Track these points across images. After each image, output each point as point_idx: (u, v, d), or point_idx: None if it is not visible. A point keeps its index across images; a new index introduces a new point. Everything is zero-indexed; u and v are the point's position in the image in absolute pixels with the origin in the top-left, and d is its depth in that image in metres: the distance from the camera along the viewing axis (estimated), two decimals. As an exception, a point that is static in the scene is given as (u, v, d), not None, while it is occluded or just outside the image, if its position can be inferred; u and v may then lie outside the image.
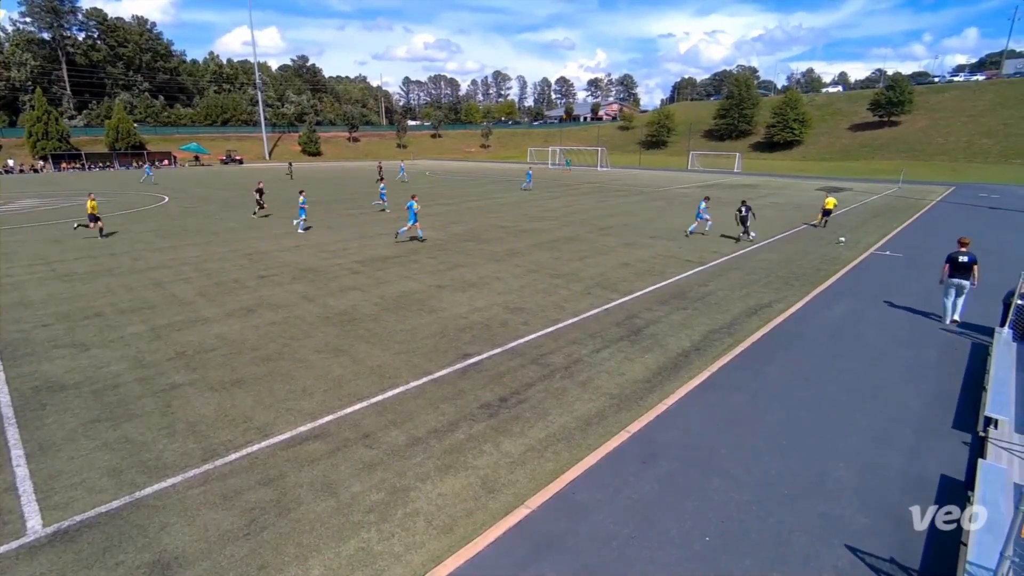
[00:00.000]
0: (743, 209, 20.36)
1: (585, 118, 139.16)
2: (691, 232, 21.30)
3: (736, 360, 9.55)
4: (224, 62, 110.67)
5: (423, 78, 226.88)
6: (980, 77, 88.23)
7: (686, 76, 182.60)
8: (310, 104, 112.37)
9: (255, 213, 26.29)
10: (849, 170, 62.37)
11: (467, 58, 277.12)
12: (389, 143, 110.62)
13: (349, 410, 7.84)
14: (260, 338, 10.38)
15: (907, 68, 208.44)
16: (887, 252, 18.65)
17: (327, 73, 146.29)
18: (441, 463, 6.72)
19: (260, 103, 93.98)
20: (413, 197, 20.21)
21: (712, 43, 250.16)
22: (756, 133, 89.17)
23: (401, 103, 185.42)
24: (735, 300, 13.00)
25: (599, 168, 68.96)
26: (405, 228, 20.05)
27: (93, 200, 20.63)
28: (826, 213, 24.44)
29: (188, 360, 9.44)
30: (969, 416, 7.73)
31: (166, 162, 75.31)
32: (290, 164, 59.63)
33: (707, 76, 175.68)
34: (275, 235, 21.13)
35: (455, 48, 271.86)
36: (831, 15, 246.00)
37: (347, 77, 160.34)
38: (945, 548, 5.50)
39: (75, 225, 21.71)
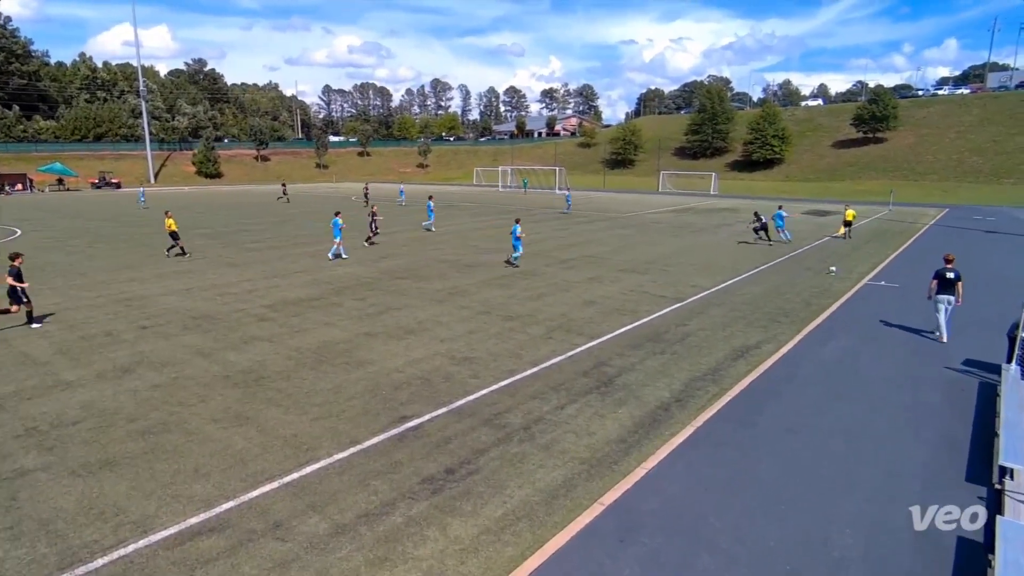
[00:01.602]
0: (762, 219, 28.50)
1: (540, 133, 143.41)
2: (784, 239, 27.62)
3: (723, 411, 9.76)
4: (99, 65, 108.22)
5: (347, 86, 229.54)
6: (965, 91, 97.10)
7: (652, 87, 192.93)
8: (208, 116, 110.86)
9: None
10: (835, 191, 66.55)
11: (400, 64, 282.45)
12: (306, 162, 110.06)
13: (255, 493, 7.47)
14: (139, 405, 9.83)
15: (889, 80, 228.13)
16: (882, 282, 19.80)
17: (230, 80, 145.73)
18: (373, 556, 6.46)
19: (144, 115, 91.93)
20: (337, 214, 22.84)
21: (679, 51, 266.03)
22: (732, 150, 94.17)
23: (321, 115, 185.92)
24: (718, 341, 13.39)
25: (557, 191, 70.69)
26: (335, 247, 22.55)
27: None
28: (847, 224, 30.67)
29: (41, 437, 8.81)
30: (982, 466, 8.14)
31: (19, 186, 71.93)
32: (284, 184, 59.01)
33: (675, 87, 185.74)
34: (159, 275, 20.36)
35: (385, 53, 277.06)
36: (806, 23, 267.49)
37: (254, 85, 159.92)
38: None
39: None
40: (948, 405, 10.11)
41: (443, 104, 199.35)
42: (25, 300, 14.06)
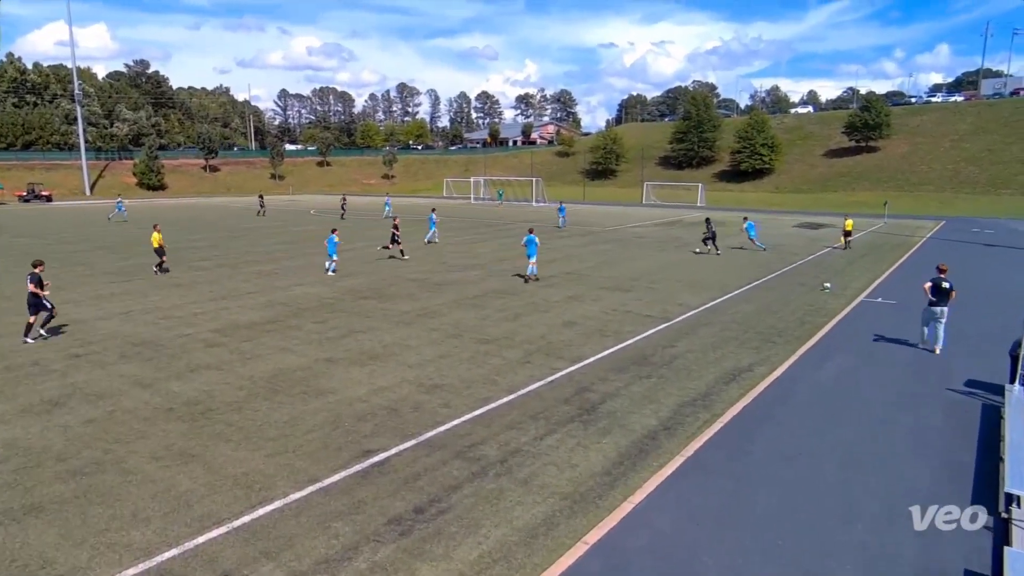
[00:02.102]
0: (712, 228, 30.34)
1: (515, 142, 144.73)
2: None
3: (714, 439, 9.82)
4: (29, 67, 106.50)
5: (305, 91, 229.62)
6: (959, 98, 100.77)
7: (634, 93, 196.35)
8: (151, 122, 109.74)
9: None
10: (828, 202, 68.17)
11: (363, 67, 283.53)
12: (260, 173, 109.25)
13: (201, 539, 7.27)
14: (70, 443, 9.54)
15: (880, 87, 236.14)
16: (879, 299, 20.25)
17: (176, 83, 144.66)
18: (334, 606, 6.31)
19: (80, 121, 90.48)
20: (333, 231, 25.00)
21: (661, 55, 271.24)
22: (720, 160, 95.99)
23: (276, 122, 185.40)
24: (708, 364, 13.51)
25: (534, 203, 71.24)
26: (329, 263, 24.28)
27: None
28: (847, 235, 32.77)
29: (-43, 481, 8.47)
30: (987, 492, 8.30)
31: (-67, 200, 70.02)
32: (261, 196, 58.18)
33: (659, 93, 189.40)
34: (96, 297, 19.93)
35: (347, 55, 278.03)
36: (793, 26, 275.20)
37: (203, 89, 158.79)
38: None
39: None
40: (950, 428, 10.31)
41: (410, 110, 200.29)
42: (50, 306, 15.20)
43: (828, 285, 21.75)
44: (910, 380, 12.70)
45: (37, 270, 15.14)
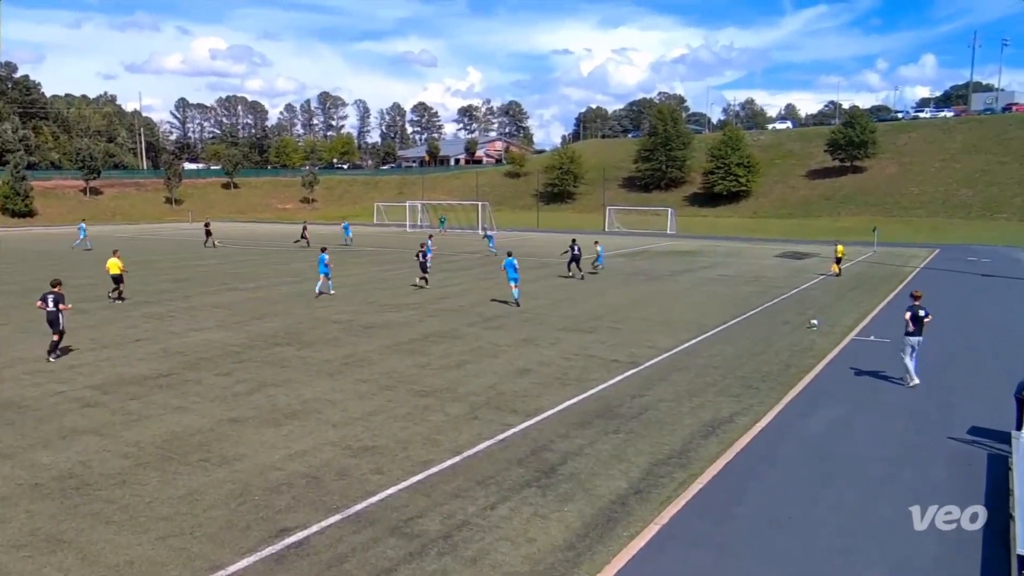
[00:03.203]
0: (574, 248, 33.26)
1: (457, 160, 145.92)
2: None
3: (693, 502, 9.89)
4: None
5: (209, 100, 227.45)
6: (948, 113, 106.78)
7: (593, 105, 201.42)
8: (18, 136, 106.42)
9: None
10: (812, 229, 70.62)
11: (277, 74, 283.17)
12: (152, 196, 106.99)
13: (73, 647, 6.87)
14: (-95, 531, 8.94)
15: (864, 100, 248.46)
16: (871, 337, 20.95)
17: (50, 90, 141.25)
18: None
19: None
20: (323, 250, 28.90)
21: (623, 63, 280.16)
22: (691, 181, 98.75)
23: (173, 137, 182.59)
24: (684, 415, 13.67)
25: (481, 231, 71.52)
26: (321, 282, 27.24)
27: None
28: (839, 261, 35.84)
29: None
30: (1000, 556, 8.55)
31: None
32: (207, 224, 56.04)
33: (621, 106, 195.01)
34: (-56, 349, 18.95)
35: (259, 59, 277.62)
36: (768, 33, 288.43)
37: (83, 97, 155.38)
38: None
39: None
40: (956, 483, 10.63)
41: (334, 124, 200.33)
42: (62, 330, 18.02)
43: (815, 322, 22.39)
44: (909, 429, 13.09)
45: (56, 290, 18.17)
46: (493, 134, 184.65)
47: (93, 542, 8.77)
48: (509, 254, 26.49)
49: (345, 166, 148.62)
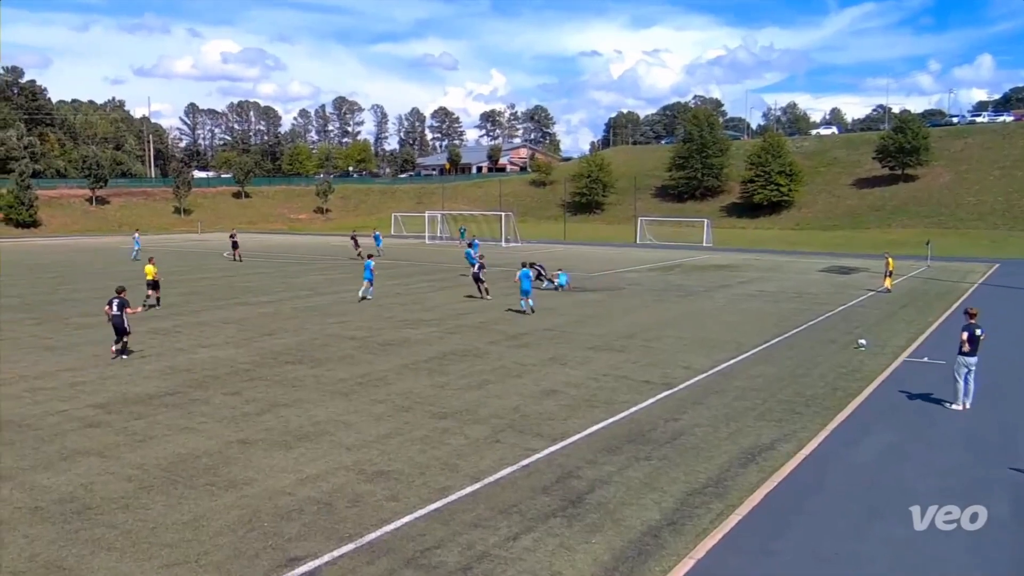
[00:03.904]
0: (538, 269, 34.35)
1: (480, 168, 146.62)
2: None
3: (731, 536, 9.75)
4: None
5: (220, 106, 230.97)
6: (1008, 118, 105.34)
7: (624, 110, 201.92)
8: (23, 143, 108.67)
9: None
10: (859, 242, 69.97)
11: (291, 77, 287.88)
12: (161, 206, 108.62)
13: None
14: (-99, 555, 9.10)
15: (915, 104, 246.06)
16: (924, 359, 20.65)
17: (56, 95, 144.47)
18: None
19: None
20: (370, 257, 32.67)
21: (656, 65, 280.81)
22: (728, 191, 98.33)
23: (183, 144, 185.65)
24: (721, 441, 13.54)
25: (503, 243, 71.76)
26: (364, 287, 30.13)
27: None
28: (889, 275, 35.84)
29: None
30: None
31: None
32: (233, 237, 54.24)
33: (653, 111, 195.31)
34: (-56, 364, 19.33)
35: (272, 62, 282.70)
36: (811, 34, 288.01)
37: (90, 103, 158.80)
38: None
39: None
40: (1020, 522, 10.39)
41: (350, 130, 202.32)
42: (127, 331, 20.31)
43: (863, 342, 22.13)
44: (967, 459, 12.84)
45: (121, 295, 20.45)
46: (517, 140, 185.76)
47: (94, 570, 8.84)
48: (523, 265, 28.57)
49: (361, 174, 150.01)
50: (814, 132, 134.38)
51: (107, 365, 19.48)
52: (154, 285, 29.37)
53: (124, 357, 20.05)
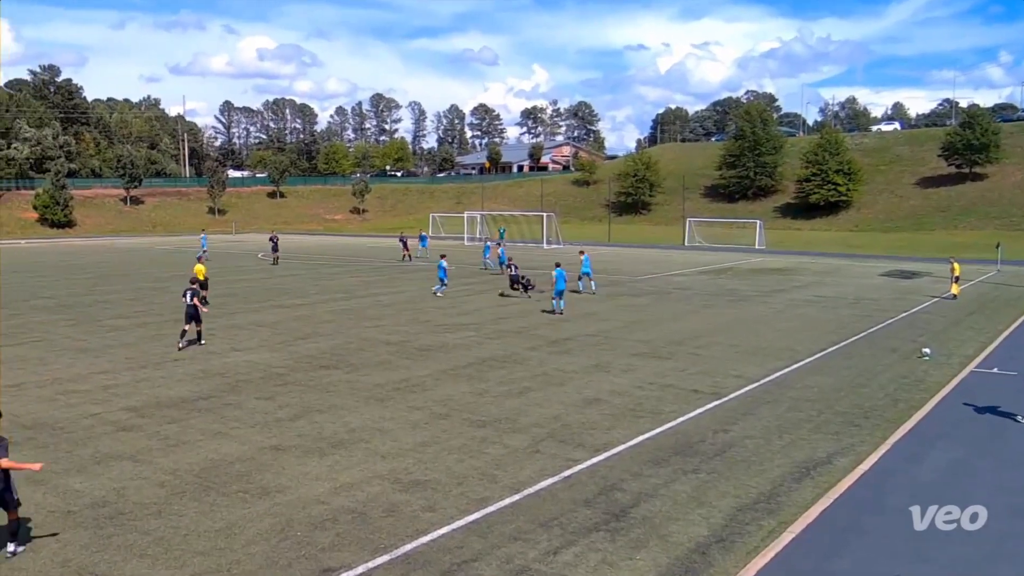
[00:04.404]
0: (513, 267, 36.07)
1: (520, 167, 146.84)
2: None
3: (784, 555, 9.62)
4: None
5: (255, 104, 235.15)
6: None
7: (672, 106, 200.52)
8: (59, 143, 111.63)
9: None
10: (923, 245, 68.52)
11: (328, 74, 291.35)
12: (195, 206, 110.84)
13: None
14: (-64, 558, 9.39)
15: (985, 98, 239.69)
16: (994, 369, 20.16)
17: (92, 94, 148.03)
18: None
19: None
20: (443, 256, 34.82)
21: (705, 59, 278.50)
22: (783, 190, 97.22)
23: (217, 143, 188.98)
24: (774, 454, 13.37)
25: (545, 245, 71.77)
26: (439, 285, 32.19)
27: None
28: (956, 280, 34.97)
29: None
30: None
31: None
32: (274, 239, 53.21)
33: (703, 106, 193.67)
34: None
35: (309, 59, 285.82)
36: (871, 24, 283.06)
37: (126, 101, 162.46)
38: None
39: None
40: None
41: (387, 128, 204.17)
42: (200, 321, 22.71)
43: (927, 351, 21.70)
44: (1040, 476, 12.50)
45: (195, 286, 22.86)
46: (560, 138, 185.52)
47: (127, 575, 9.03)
48: (558, 265, 29.53)
49: (398, 173, 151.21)
50: (875, 128, 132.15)
51: (141, 366, 19.91)
52: (203, 285, 29.77)
53: (202, 343, 22.51)
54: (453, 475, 12.21)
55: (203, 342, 22.61)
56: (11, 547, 9.36)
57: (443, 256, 36.15)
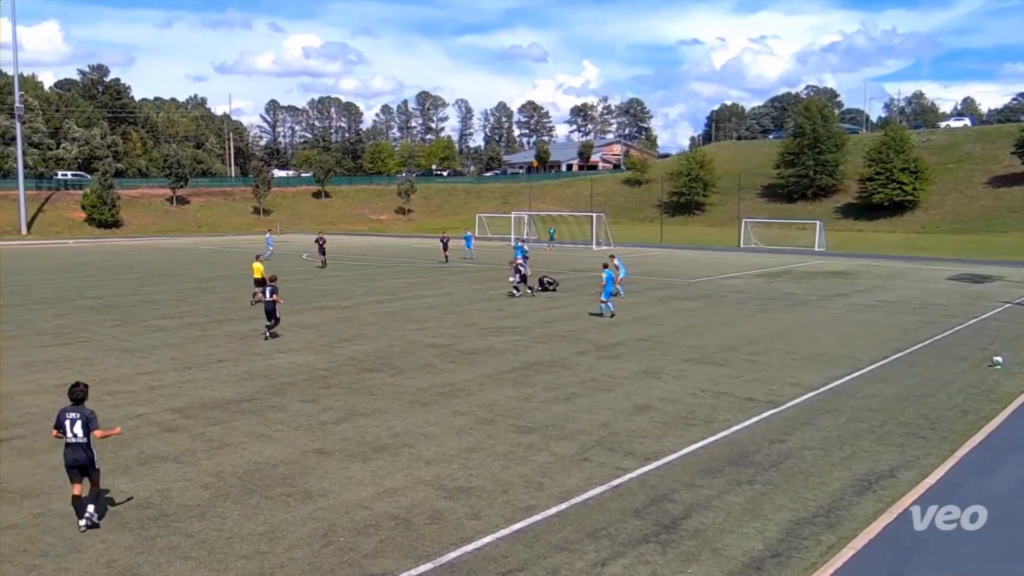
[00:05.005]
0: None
1: (569, 166, 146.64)
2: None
3: (843, 572, 9.43)
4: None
5: (300, 102, 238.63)
6: None
7: (727, 102, 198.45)
8: (107, 143, 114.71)
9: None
10: (996, 247, 66.75)
11: (374, 72, 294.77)
12: (240, 206, 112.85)
13: None
14: (-16, 556, 9.69)
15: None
16: (1071, 379, 19.53)
17: (139, 94, 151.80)
18: None
19: (19, 141, 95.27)
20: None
21: (763, 53, 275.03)
22: (844, 190, 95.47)
23: (263, 142, 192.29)
24: (833, 466, 13.14)
25: (595, 246, 71.54)
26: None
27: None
28: None
29: None
30: None
31: None
32: (321, 241, 52.75)
33: (760, 103, 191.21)
34: (26, 364, 20.53)
35: (355, 57, 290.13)
36: (939, 14, 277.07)
37: (172, 100, 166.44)
38: None
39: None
40: None
41: (433, 126, 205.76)
42: (277, 317, 24.43)
43: (999, 360, 21.16)
44: (1121, 494, 12.10)
45: (273, 283, 24.25)
46: (611, 136, 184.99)
47: (170, 579, 9.20)
48: (605, 266, 29.46)
49: (444, 172, 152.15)
50: (943, 124, 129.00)
51: (186, 367, 20.33)
52: (260, 283, 31.16)
53: (267, 338, 23.83)
54: (498, 482, 12.23)
55: (267, 337, 23.94)
56: (90, 508, 10.32)
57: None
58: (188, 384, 18.55)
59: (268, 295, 23.97)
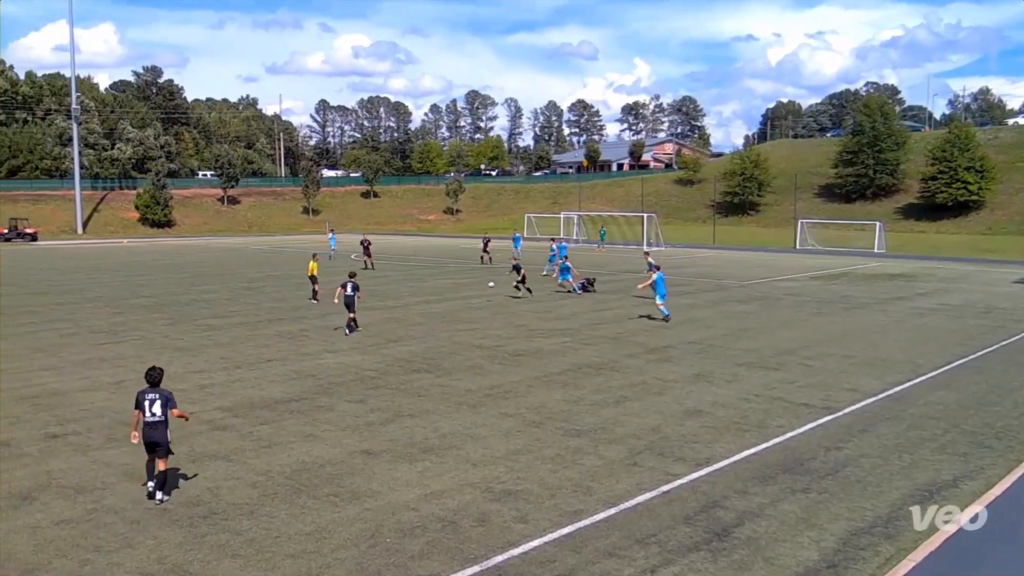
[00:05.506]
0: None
1: (620, 166, 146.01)
2: None
3: (903, 585, 9.25)
4: (20, 76, 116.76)
5: (350, 102, 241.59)
6: None
7: (783, 100, 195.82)
8: (160, 143, 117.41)
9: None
10: (1066, 249, 64.73)
11: (423, 72, 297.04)
12: (290, 206, 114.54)
13: None
14: (39, 550, 9.97)
15: None
16: None
17: (192, 94, 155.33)
18: None
19: (76, 142, 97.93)
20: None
21: (820, 49, 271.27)
22: (905, 189, 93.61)
23: (312, 142, 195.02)
24: (892, 475, 12.88)
25: (646, 247, 71.10)
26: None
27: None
28: None
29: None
30: None
31: None
32: (365, 243, 52.91)
33: (817, 100, 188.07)
34: (83, 362, 21.09)
35: (404, 56, 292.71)
36: (1007, 8, 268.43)
37: (224, 101, 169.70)
38: None
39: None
40: None
41: (482, 125, 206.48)
42: (355, 311, 25.66)
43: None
44: None
45: (354, 280, 25.80)
46: (662, 135, 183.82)
47: (218, 575, 9.38)
48: (657, 268, 30.01)
49: (493, 172, 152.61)
50: (1011, 121, 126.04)
51: (236, 366, 20.69)
52: (313, 279, 33.52)
53: (347, 335, 25.04)
54: (546, 486, 12.21)
55: (352, 330, 25.40)
56: (159, 495, 11.37)
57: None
58: (237, 383, 18.86)
59: (350, 290, 25.21)
